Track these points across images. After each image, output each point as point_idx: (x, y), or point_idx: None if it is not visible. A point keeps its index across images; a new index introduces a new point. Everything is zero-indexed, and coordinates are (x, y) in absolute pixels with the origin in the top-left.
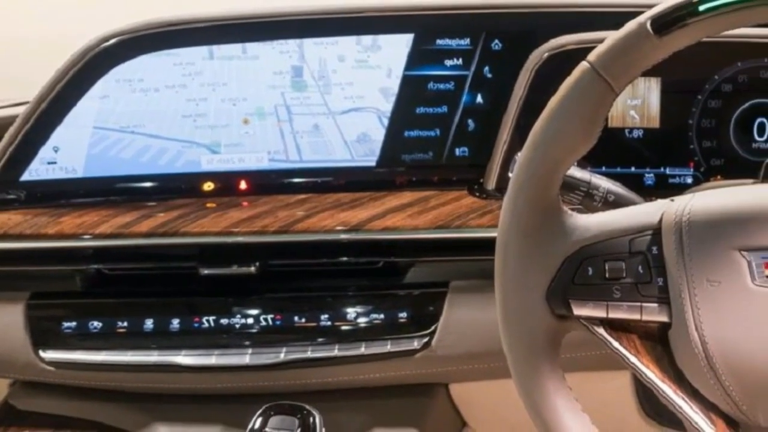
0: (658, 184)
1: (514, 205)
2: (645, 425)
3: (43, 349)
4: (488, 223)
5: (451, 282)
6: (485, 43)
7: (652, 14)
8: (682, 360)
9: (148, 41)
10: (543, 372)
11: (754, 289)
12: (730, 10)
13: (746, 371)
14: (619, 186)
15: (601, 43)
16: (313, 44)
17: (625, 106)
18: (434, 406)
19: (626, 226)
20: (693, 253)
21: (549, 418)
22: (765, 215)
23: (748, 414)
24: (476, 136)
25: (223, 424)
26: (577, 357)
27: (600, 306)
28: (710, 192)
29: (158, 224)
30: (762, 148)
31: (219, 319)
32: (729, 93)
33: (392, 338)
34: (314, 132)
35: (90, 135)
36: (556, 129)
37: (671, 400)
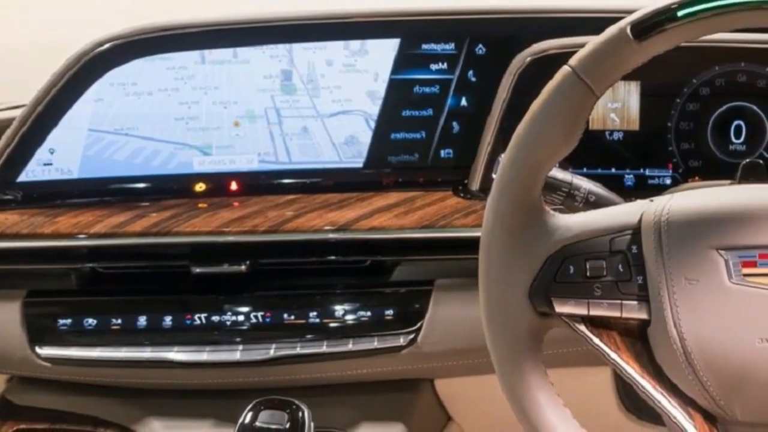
0: (637, 185)
1: (498, 205)
2: (625, 420)
3: (40, 346)
4: (472, 222)
5: (436, 280)
6: (469, 48)
7: (632, 20)
8: (661, 356)
9: (141, 46)
10: (526, 368)
11: (731, 287)
12: (707, 15)
13: (723, 367)
14: (599, 187)
15: (582, 48)
16: (302, 49)
17: (606, 109)
18: (420, 401)
19: (607, 226)
20: (672, 252)
21: (531, 412)
22: (742, 215)
23: (726, 408)
24: (461, 139)
25: (215, 419)
26: (559, 353)
27: (581, 304)
28: (688, 193)
29: (151, 224)
30: (739, 150)
31: (210, 316)
32: (707, 96)
33: (379, 335)
34: (303, 134)
35: (85, 137)
36: (538, 131)
37: (650, 396)
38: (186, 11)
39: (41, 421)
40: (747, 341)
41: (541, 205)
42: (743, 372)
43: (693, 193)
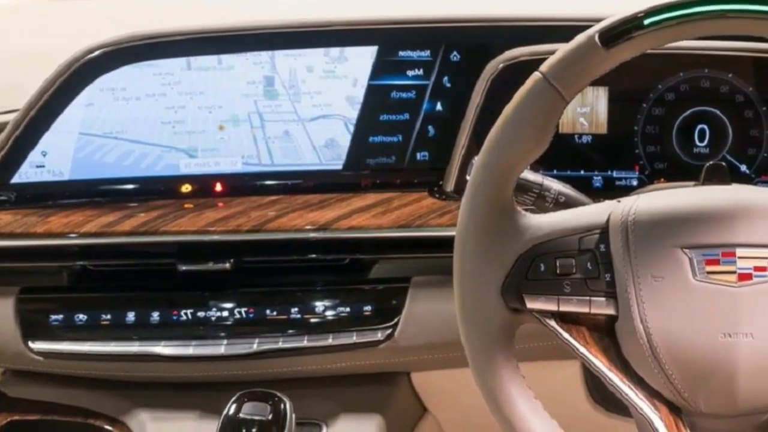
0: (605, 186)
1: (472, 205)
2: (593, 411)
3: (32, 340)
4: (447, 222)
5: (412, 277)
6: (444, 55)
7: (600, 28)
8: (628, 350)
9: (130, 53)
10: (498, 361)
11: (695, 284)
12: (672, 24)
13: (687, 361)
14: (569, 188)
15: (552, 55)
16: (283, 56)
17: (575, 114)
18: (397, 393)
19: (576, 226)
20: (638, 250)
21: (504, 404)
22: (705, 215)
23: (690, 400)
24: (436, 142)
25: (200, 410)
26: (530, 347)
27: (551, 300)
28: (654, 193)
29: (139, 224)
30: (702, 153)
31: (196, 312)
32: (672, 101)
33: (357, 330)
34: (285, 138)
35: (76, 140)
36: (510, 135)
37: (618, 388)
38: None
39: (34, 413)
40: (710, 336)
41: (513, 206)
42: (706, 366)
43: (658, 194)
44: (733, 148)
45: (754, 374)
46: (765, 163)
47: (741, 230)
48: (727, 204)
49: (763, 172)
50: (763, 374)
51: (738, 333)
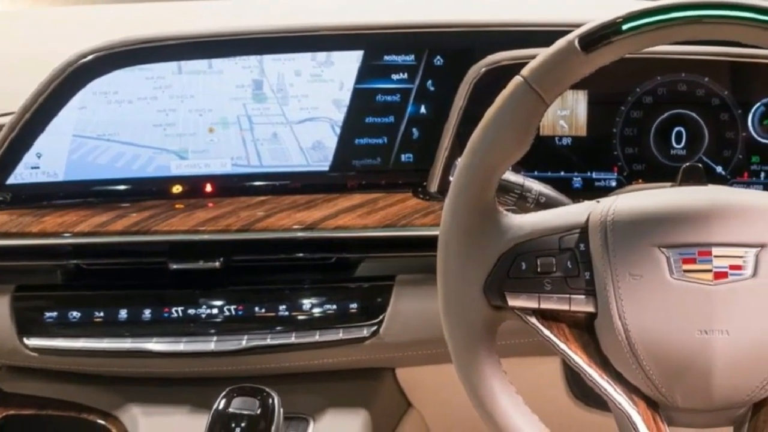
0: (585, 187)
1: (455, 206)
2: (573, 406)
3: (27, 337)
4: (431, 222)
5: (397, 276)
6: (428, 59)
7: (580, 33)
8: (606, 347)
9: (122, 57)
10: (481, 357)
11: (673, 282)
12: (650, 29)
13: (665, 357)
14: (549, 189)
15: (533, 59)
16: (272, 60)
17: (555, 116)
18: (382, 388)
19: (556, 225)
20: (617, 249)
21: (486, 399)
22: (682, 215)
23: (667, 395)
24: (420, 144)
25: (190, 405)
26: (512, 344)
27: (532, 298)
28: (632, 194)
29: (131, 223)
30: (679, 155)
31: (187, 309)
32: (649, 104)
33: (344, 327)
34: (273, 140)
35: (70, 142)
36: (492, 137)
37: (597, 384)
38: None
39: (29, 408)
40: (687, 333)
41: (495, 206)
42: (683, 361)
43: (636, 194)
44: (709, 150)
45: (729, 370)
46: (740, 165)
47: (717, 230)
48: (704, 204)
49: (738, 173)
50: (739, 370)
51: (714, 330)
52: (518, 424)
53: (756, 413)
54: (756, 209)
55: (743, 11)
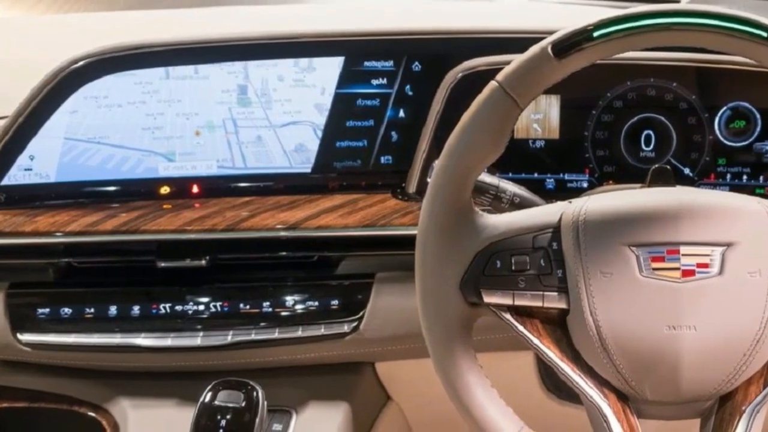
0: (557, 188)
1: (432, 206)
2: (546, 399)
3: (21, 332)
4: (409, 222)
5: (376, 274)
6: (407, 65)
7: (553, 39)
8: (578, 342)
9: (112, 63)
10: (457, 352)
11: (642, 280)
12: (620, 36)
13: (634, 352)
14: (523, 190)
15: (508, 65)
16: (256, 66)
17: (529, 120)
18: (362, 381)
19: (530, 225)
20: (588, 248)
21: (462, 392)
22: (651, 215)
23: (636, 389)
24: (399, 146)
25: (178, 398)
26: (487, 339)
27: (507, 294)
28: (603, 195)
29: (121, 223)
30: (648, 157)
31: (174, 306)
32: (620, 108)
33: (325, 323)
34: (257, 142)
35: (61, 145)
36: (468, 140)
37: (569, 377)
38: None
39: (22, 401)
40: (656, 329)
41: (471, 206)
42: (652, 356)
43: (607, 195)
44: (677, 152)
45: (696, 364)
46: (707, 167)
47: (684, 229)
48: (672, 205)
49: (704, 174)
50: (705, 364)
51: (682, 326)
52: (493, 417)
53: (722, 406)
54: (722, 210)
55: (709, 19)
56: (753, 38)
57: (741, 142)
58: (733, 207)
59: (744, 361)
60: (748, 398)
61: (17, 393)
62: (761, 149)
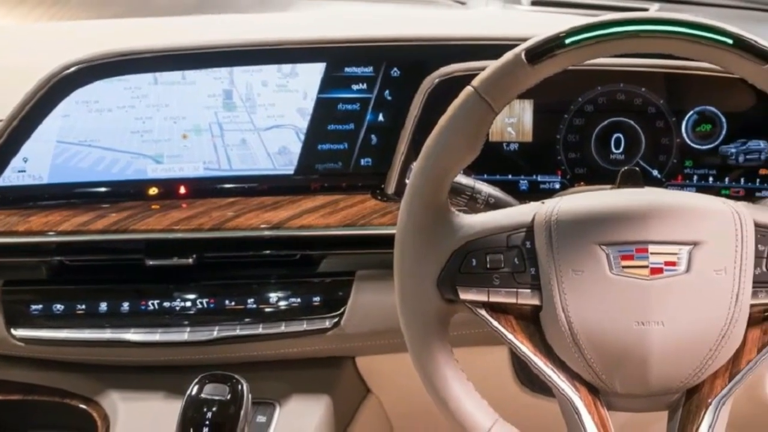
0: (530, 189)
1: (410, 206)
2: (520, 392)
3: (15, 328)
4: (388, 222)
5: (357, 271)
6: (386, 71)
7: (526, 46)
8: (551, 337)
9: (102, 69)
10: (434, 347)
11: (612, 277)
12: (591, 43)
13: (605, 346)
14: (498, 190)
15: (483, 71)
16: (241, 71)
17: (503, 124)
18: (343, 375)
19: (504, 225)
20: (560, 247)
21: (439, 385)
22: (621, 215)
23: (607, 382)
24: (378, 149)
25: (166, 391)
26: (463, 334)
27: (482, 291)
28: (575, 196)
29: (111, 223)
30: (618, 159)
31: (162, 302)
32: (591, 112)
33: (307, 318)
34: (242, 145)
35: (54, 148)
36: (445, 143)
37: (542, 371)
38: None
39: (16, 393)
40: (625, 324)
41: (447, 207)
42: (622, 351)
43: (578, 196)
44: (645, 154)
45: (664, 358)
46: (674, 169)
47: (653, 229)
48: (641, 205)
49: (672, 176)
50: (673, 358)
51: (650, 321)
52: (469, 409)
53: (689, 399)
54: (689, 210)
55: (676, 26)
56: (718, 45)
57: (707, 145)
58: (699, 207)
59: (710, 356)
60: (714, 391)
61: (11, 386)
62: (727, 152)
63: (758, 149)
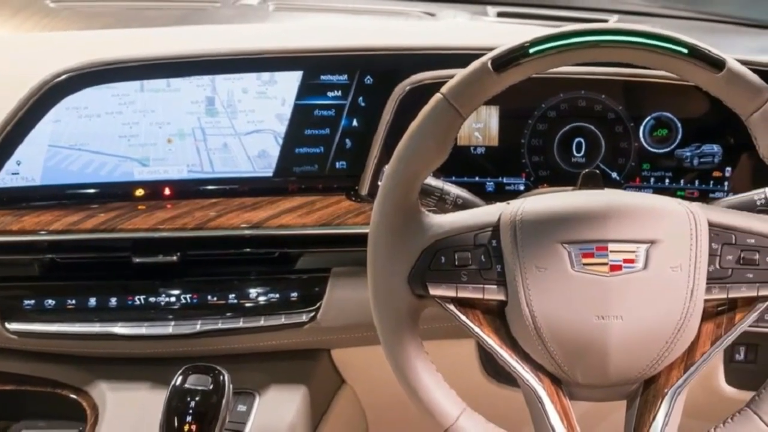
0: (496, 191)
1: (383, 207)
2: (486, 383)
3: (8, 322)
4: (362, 221)
5: (332, 268)
6: (359, 79)
7: (493, 55)
8: (516, 330)
9: (91, 77)
10: (405, 340)
11: (573, 274)
12: (553, 52)
13: (566, 339)
14: (466, 192)
15: (451, 79)
16: (222, 79)
17: (471, 129)
18: (319, 367)
19: (471, 224)
20: (524, 245)
21: (410, 376)
22: (582, 215)
23: (569, 373)
24: (352, 153)
25: (151, 381)
26: (433, 328)
27: (451, 287)
28: (538, 197)
29: (100, 222)
30: (579, 162)
31: (148, 297)
32: (553, 118)
33: (285, 313)
34: (224, 149)
35: (46, 151)
36: (415, 147)
37: (507, 363)
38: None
39: (9, 383)
40: (586, 318)
41: (418, 207)
42: (583, 343)
43: (542, 197)
44: (605, 158)
45: (623, 351)
46: (632, 171)
47: (612, 228)
48: (600, 206)
49: (630, 178)
50: (631, 351)
51: (609, 316)
52: (438, 398)
53: (646, 389)
54: (646, 210)
55: (634, 36)
56: (674, 54)
57: (664, 149)
58: (656, 208)
59: (666, 348)
60: (670, 382)
61: (5, 377)
62: (682, 155)
63: (711, 153)
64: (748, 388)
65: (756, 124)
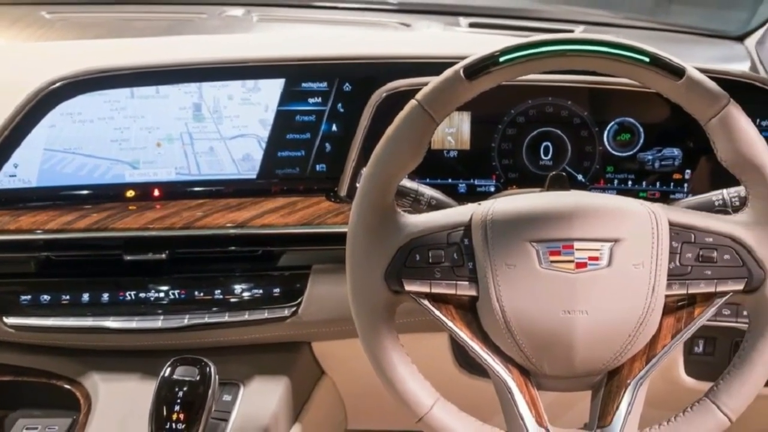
0: (468, 192)
1: (360, 207)
2: (459, 374)
3: (6, 316)
4: (341, 221)
5: (313, 265)
6: (339, 86)
7: (465, 64)
8: (486, 324)
9: (84, 84)
10: (382, 333)
11: (541, 271)
12: (522, 61)
13: (534, 333)
14: (439, 193)
15: (426, 86)
16: (209, 86)
17: (444, 133)
18: (300, 359)
19: (445, 224)
20: (495, 243)
21: (387, 367)
22: (549, 215)
23: (536, 365)
24: (332, 156)
25: (141, 372)
26: (408, 322)
27: (425, 284)
28: (508, 198)
29: (93, 222)
30: (547, 165)
31: (138, 293)
32: (522, 123)
33: (268, 308)
34: (210, 153)
35: (42, 155)
36: (391, 150)
37: (478, 355)
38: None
39: (7, 375)
40: (553, 313)
41: (394, 208)
42: (550, 337)
43: (511, 198)
44: (571, 161)
45: (588, 344)
46: (597, 174)
47: (578, 227)
48: (567, 206)
49: (595, 180)
50: (596, 344)
51: (575, 310)
52: (413, 389)
53: (610, 380)
54: (610, 210)
55: (598, 46)
56: (636, 63)
57: (627, 153)
58: (619, 208)
59: (629, 341)
60: (632, 373)
61: (3, 368)
62: (644, 158)
63: (672, 156)
64: (706, 379)
65: (714, 129)
